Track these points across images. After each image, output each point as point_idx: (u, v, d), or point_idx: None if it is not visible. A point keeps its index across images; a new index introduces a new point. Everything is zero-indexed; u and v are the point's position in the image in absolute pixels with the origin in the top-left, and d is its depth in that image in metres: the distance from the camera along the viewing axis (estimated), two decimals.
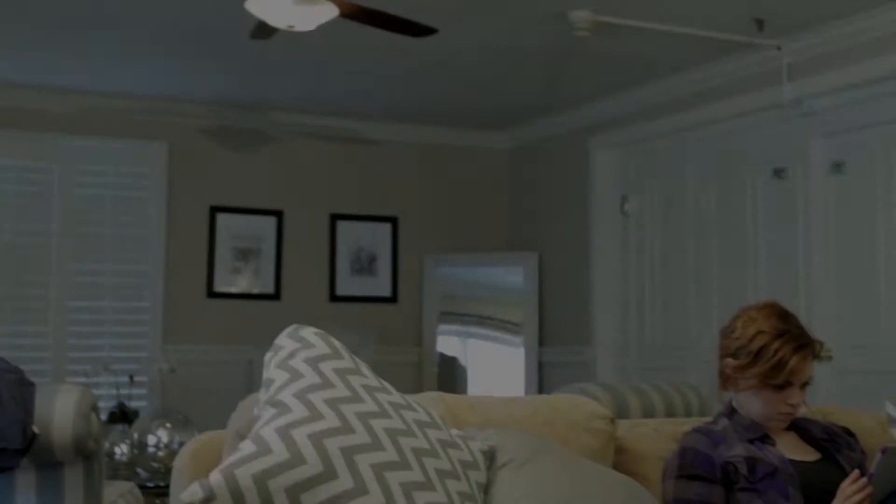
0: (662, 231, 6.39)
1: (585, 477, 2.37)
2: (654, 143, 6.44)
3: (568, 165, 7.04)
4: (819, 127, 5.36)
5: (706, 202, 6.06)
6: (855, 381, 5.14)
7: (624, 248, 6.66)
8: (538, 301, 7.21)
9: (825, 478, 2.60)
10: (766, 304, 2.72)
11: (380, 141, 7.43)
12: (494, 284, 7.56)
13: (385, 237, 7.42)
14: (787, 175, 5.52)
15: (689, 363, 5.96)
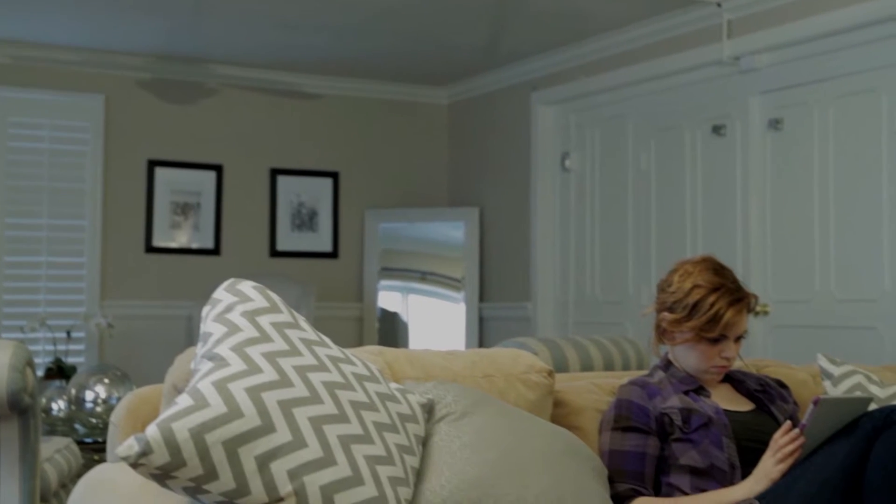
0: (603, 187, 6.42)
1: (523, 429, 2.39)
2: (595, 99, 6.45)
3: (509, 121, 7.04)
4: (757, 84, 5.40)
5: (646, 158, 6.09)
6: (790, 335, 5.22)
7: (564, 203, 6.68)
8: (479, 256, 7.23)
9: (758, 428, 2.64)
10: (702, 259, 2.75)
11: (320, 95, 7.37)
12: (435, 240, 7.56)
13: (326, 192, 7.38)
14: (725, 131, 5.56)
15: (628, 318, 6.02)
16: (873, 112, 4.86)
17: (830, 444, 2.44)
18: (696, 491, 2.56)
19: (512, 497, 2.21)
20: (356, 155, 7.47)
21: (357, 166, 7.47)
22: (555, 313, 6.69)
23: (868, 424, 2.40)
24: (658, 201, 6.01)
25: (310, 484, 1.96)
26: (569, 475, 2.33)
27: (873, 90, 4.86)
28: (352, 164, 7.46)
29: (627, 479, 2.56)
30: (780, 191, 5.32)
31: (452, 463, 2.24)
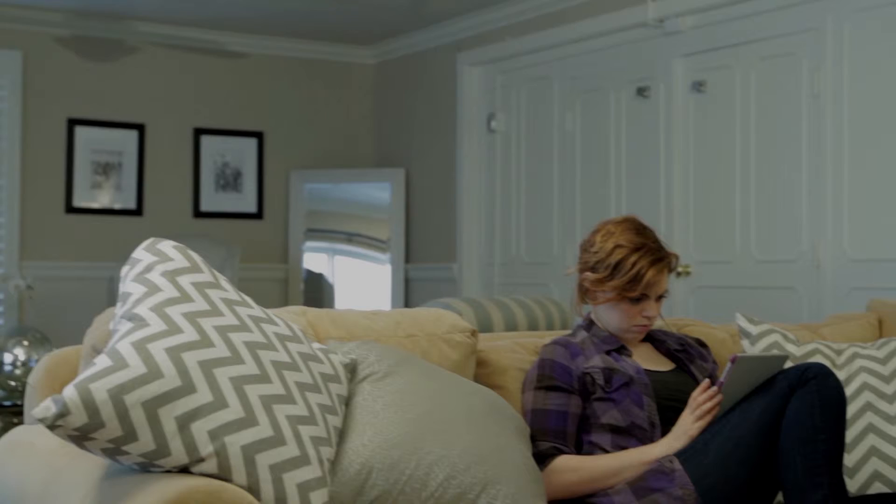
0: (528, 148, 6.44)
1: (446, 388, 2.40)
2: (521, 60, 6.45)
3: (435, 81, 7.02)
4: (681, 47, 5.44)
5: (571, 119, 6.12)
6: (711, 295, 5.29)
7: (490, 164, 6.69)
8: (405, 217, 7.22)
9: (678, 387, 2.68)
10: (624, 219, 2.77)
11: (245, 54, 7.28)
12: (361, 201, 7.54)
13: (250, 152, 7.31)
14: (649, 93, 5.60)
15: (553, 278, 6.06)
16: (793, 75, 4.92)
17: (747, 402, 2.49)
18: (616, 449, 2.59)
19: (434, 456, 2.22)
20: (281, 115, 7.40)
21: (282, 126, 7.40)
22: (480, 274, 6.72)
23: (784, 382, 2.45)
24: (583, 162, 6.04)
25: (231, 444, 1.95)
26: (491, 434, 2.34)
27: (793, 54, 4.92)
28: (277, 124, 7.39)
29: (549, 438, 2.59)
30: (702, 153, 5.37)
31: (375, 422, 2.24)
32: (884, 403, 2.83)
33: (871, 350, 2.98)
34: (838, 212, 4.73)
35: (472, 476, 2.23)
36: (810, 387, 2.41)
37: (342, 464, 2.17)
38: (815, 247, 4.82)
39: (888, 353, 2.94)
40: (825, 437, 2.37)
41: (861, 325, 3.33)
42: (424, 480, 2.19)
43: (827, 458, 2.36)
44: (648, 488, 2.47)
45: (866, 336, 3.26)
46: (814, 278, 4.83)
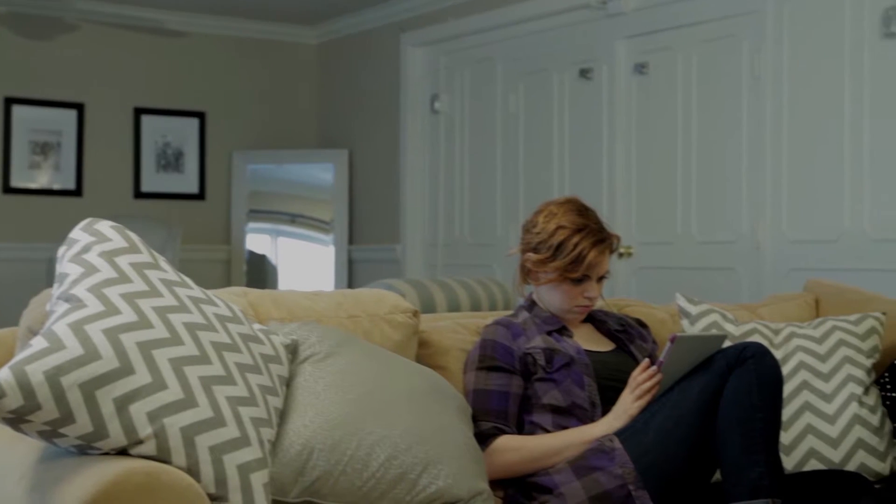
0: (472, 129, 6.44)
1: (387, 369, 2.40)
2: (464, 41, 6.44)
3: (378, 62, 6.99)
4: (624, 28, 5.46)
5: (515, 101, 6.12)
6: (653, 276, 5.34)
7: (434, 145, 6.68)
8: (348, 198, 7.19)
9: (619, 367, 2.70)
10: (566, 200, 2.78)
11: (186, 33, 7.20)
12: (304, 182, 7.50)
13: (192, 133, 7.24)
14: (592, 75, 5.62)
15: (497, 259, 6.08)
16: (734, 57, 4.96)
17: (687, 381, 2.51)
18: (557, 428, 2.60)
19: (375, 436, 2.22)
20: (223, 95, 7.33)
21: (224, 106, 7.33)
22: (424, 255, 6.72)
23: (722, 361, 2.47)
24: (526, 144, 6.05)
25: (170, 426, 1.94)
26: (432, 414, 2.34)
27: (734, 35, 4.96)
28: (219, 104, 7.32)
29: (491, 418, 2.60)
30: (644, 135, 5.40)
31: (316, 403, 2.23)
32: (819, 382, 2.87)
33: (807, 329, 3.02)
34: (777, 194, 4.78)
35: (413, 456, 2.23)
36: (748, 366, 2.43)
37: (283, 445, 2.16)
38: (754, 228, 4.88)
39: (824, 333, 2.99)
40: (762, 416, 2.40)
41: (798, 305, 3.37)
42: (366, 461, 2.19)
43: (764, 436, 2.39)
44: (589, 467, 2.49)
45: (803, 316, 3.31)
46: (753, 259, 4.89)
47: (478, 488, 2.30)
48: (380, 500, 2.20)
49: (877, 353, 2.97)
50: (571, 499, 2.47)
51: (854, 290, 3.45)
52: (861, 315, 3.05)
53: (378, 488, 2.19)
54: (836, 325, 3.01)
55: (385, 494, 2.20)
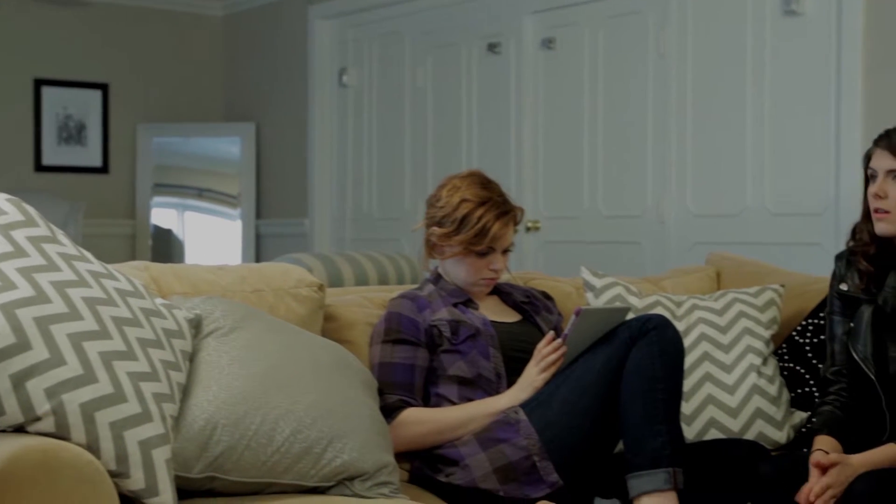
0: (380, 103, 6.41)
1: (292, 343, 2.39)
2: (372, 14, 6.40)
3: (286, 34, 6.92)
4: (531, 3, 5.48)
5: (423, 75, 6.11)
6: (559, 250, 5.38)
7: (342, 119, 6.64)
8: (256, 173, 7.12)
9: (524, 339, 2.72)
10: (469, 173, 2.79)
11: (88, 3, 7.04)
12: (211, 155, 7.40)
13: (95, 105, 7.09)
14: (500, 49, 5.63)
15: (405, 234, 6.07)
16: (640, 34, 5.00)
17: (590, 353, 2.54)
18: (463, 400, 2.62)
19: (280, 410, 2.21)
20: (127, 66, 7.19)
21: (128, 78, 7.19)
22: (332, 230, 6.69)
23: (625, 333, 2.51)
24: (435, 118, 6.05)
25: (69, 402, 1.91)
26: (338, 388, 2.34)
27: (640, 12, 5.01)
28: (123, 75, 7.18)
29: (396, 391, 2.60)
30: (551, 110, 5.43)
31: (220, 378, 2.22)
32: (720, 353, 2.93)
33: (709, 302, 3.07)
34: (682, 169, 4.85)
35: (318, 430, 2.22)
36: (650, 337, 2.47)
37: (186, 420, 2.14)
38: (659, 203, 4.94)
39: (725, 305, 3.04)
40: (664, 387, 2.44)
41: (700, 278, 3.42)
42: (270, 435, 2.18)
43: (665, 407, 2.43)
44: (494, 439, 2.51)
45: (705, 288, 3.36)
46: (658, 233, 4.95)
47: (383, 461, 2.30)
48: (284, 474, 2.20)
49: (775, 324, 3.03)
50: (477, 470, 2.49)
51: (754, 263, 3.52)
52: (760, 288, 3.11)
53: (283, 463, 2.19)
54: (737, 298, 3.06)
55: (290, 469, 2.20)
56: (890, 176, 2.49)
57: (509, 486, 2.47)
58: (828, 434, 2.56)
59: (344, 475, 2.24)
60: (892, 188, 2.49)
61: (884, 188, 2.50)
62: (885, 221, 2.51)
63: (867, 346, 2.58)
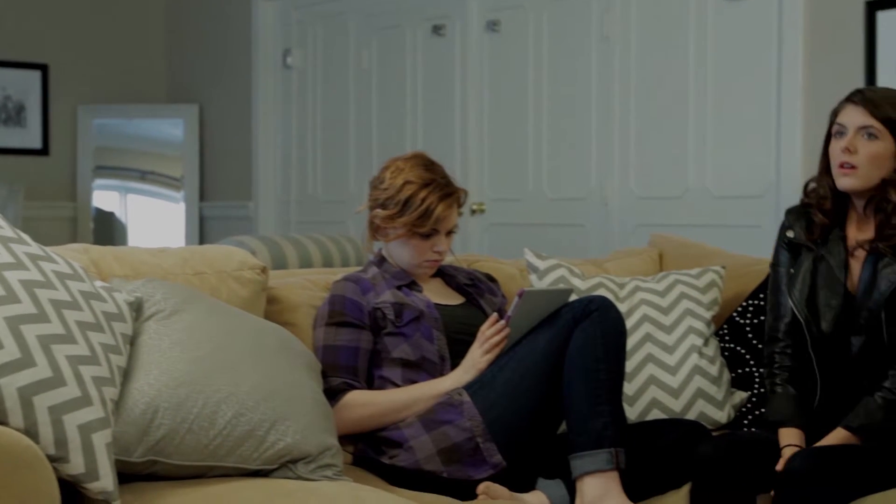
0: (325, 85, 6.37)
1: (235, 326, 2.37)
2: None
3: (229, 15, 6.85)
4: None
5: (368, 56, 6.08)
6: (504, 232, 5.39)
7: (286, 101, 6.59)
8: (199, 155, 7.06)
9: (467, 321, 2.73)
10: (413, 155, 2.79)
11: None
12: (153, 137, 7.32)
13: (34, 85, 6.98)
14: (445, 32, 5.62)
15: (350, 216, 6.04)
16: (584, 16, 5.01)
17: (534, 334, 2.56)
18: (407, 383, 2.62)
19: (223, 393, 2.19)
20: (68, 47, 7.08)
21: (69, 59, 7.08)
22: (276, 212, 6.65)
23: (568, 315, 2.52)
24: (379, 100, 6.02)
25: (6, 386, 1.88)
26: (281, 370, 2.33)
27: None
28: (63, 56, 7.07)
29: (340, 373, 2.60)
30: (496, 92, 5.44)
31: (161, 361, 2.20)
32: (662, 334, 2.95)
33: (651, 283, 3.10)
34: (625, 151, 4.87)
35: (260, 413, 2.22)
36: (593, 319, 2.49)
37: (127, 404, 2.12)
38: (603, 185, 4.97)
39: (667, 287, 3.07)
40: (606, 368, 2.45)
41: (643, 260, 3.45)
42: (212, 418, 2.17)
43: (607, 388, 2.45)
44: (438, 421, 2.51)
45: (647, 270, 3.39)
46: (602, 215, 4.98)
47: (327, 444, 2.30)
48: (227, 457, 2.18)
49: (716, 305, 3.06)
50: (421, 452, 2.50)
51: (696, 245, 3.55)
52: (702, 269, 3.14)
53: (225, 446, 2.18)
54: (679, 279, 3.09)
55: (232, 452, 2.19)
56: (861, 132, 2.52)
57: (453, 467, 2.47)
58: (791, 426, 2.59)
59: (287, 458, 2.23)
60: (862, 144, 2.52)
61: (854, 143, 2.53)
62: (851, 177, 2.54)
63: (803, 293, 2.62)
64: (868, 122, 2.52)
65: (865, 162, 2.51)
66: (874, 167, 2.51)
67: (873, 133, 2.51)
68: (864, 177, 2.51)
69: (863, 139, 2.52)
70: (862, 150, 2.52)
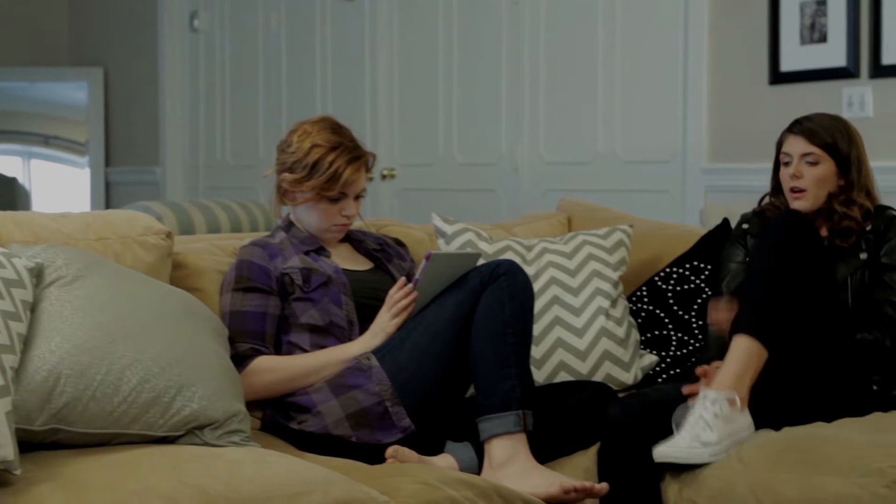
0: (232, 49, 6.29)
1: (139, 291, 2.34)
2: None
3: None
4: None
5: (276, 20, 6.01)
6: (415, 197, 5.38)
7: (193, 65, 6.49)
8: (104, 119, 6.92)
9: (376, 286, 2.73)
10: (320, 119, 2.77)
11: None
12: (57, 101, 7.16)
13: None
14: None
15: (260, 181, 5.99)
16: None
17: (442, 298, 2.56)
18: (315, 348, 2.61)
19: (127, 360, 2.16)
20: None
21: None
22: (185, 178, 6.56)
23: (476, 279, 2.53)
24: (289, 64, 5.96)
25: None
26: (186, 336, 2.30)
27: None
28: None
29: (248, 339, 2.58)
30: (406, 56, 5.41)
31: (63, 328, 2.16)
32: (569, 297, 2.98)
33: (559, 245, 3.11)
34: (535, 117, 4.90)
35: (166, 379, 2.19)
36: (500, 283, 2.50)
37: (27, 371, 2.08)
38: (513, 150, 4.99)
39: (574, 248, 3.08)
40: (513, 331, 2.47)
41: (551, 224, 3.47)
42: (116, 385, 2.14)
43: (515, 351, 2.47)
44: (346, 385, 2.51)
45: (556, 234, 3.40)
46: (512, 180, 5.00)
47: (234, 410, 2.28)
48: (132, 424, 2.16)
49: (624, 265, 3.09)
50: (329, 417, 2.49)
51: (604, 209, 3.59)
52: (610, 229, 3.16)
53: (130, 413, 2.15)
54: (586, 240, 3.11)
55: (137, 419, 2.16)
56: (804, 159, 2.79)
57: (361, 431, 2.48)
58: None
59: (193, 424, 2.21)
60: (806, 170, 2.79)
61: (800, 170, 2.80)
62: (802, 199, 2.80)
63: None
64: (809, 150, 2.79)
65: (812, 185, 2.79)
66: (820, 188, 2.80)
67: (814, 160, 2.79)
68: (812, 197, 2.80)
69: (806, 166, 2.80)
70: (807, 175, 2.79)
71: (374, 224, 3.15)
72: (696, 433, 2.39)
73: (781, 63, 4.18)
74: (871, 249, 2.77)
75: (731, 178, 4.33)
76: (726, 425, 2.41)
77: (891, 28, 3.92)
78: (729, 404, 2.42)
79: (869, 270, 2.75)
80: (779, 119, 3.07)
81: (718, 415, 2.41)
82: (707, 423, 2.40)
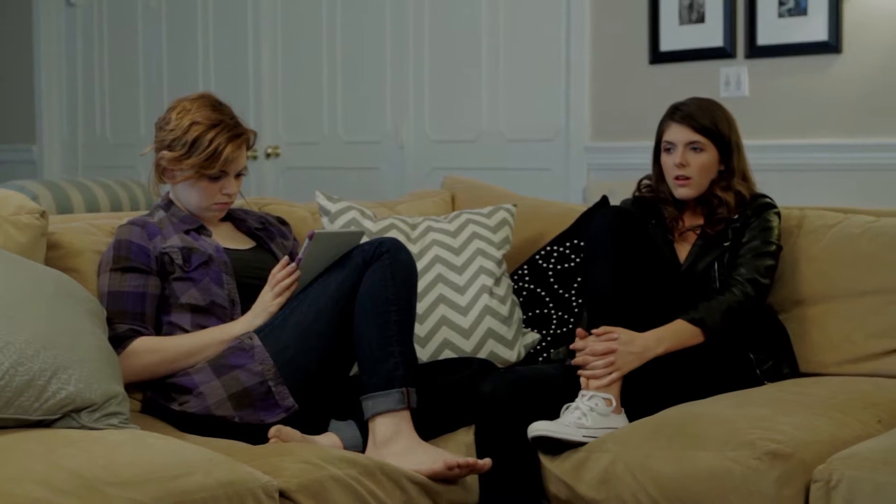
0: (111, 23, 6.15)
1: (11, 272, 2.28)
2: None
3: None
4: None
5: None
6: (300, 176, 5.35)
7: (71, 40, 6.33)
8: None
9: (258, 265, 2.70)
10: (199, 96, 2.72)
11: None
12: None
13: None
14: None
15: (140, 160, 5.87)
16: None
17: (325, 277, 2.55)
18: (196, 328, 2.58)
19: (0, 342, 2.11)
20: None
21: None
22: (63, 157, 6.40)
23: (359, 257, 2.52)
24: (169, 40, 5.85)
25: None
26: (62, 318, 2.25)
27: None
28: None
29: (127, 320, 2.53)
30: (290, 34, 5.36)
31: None
32: (454, 275, 2.98)
33: (443, 223, 3.11)
34: (420, 95, 4.90)
35: (41, 362, 2.14)
36: (383, 261, 2.50)
37: None
38: (398, 128, 4.98)
39: (459, 226, 3.09)
40: (396, 309, 2.47)
41: (435, 202, 3.47)
42: None
43: (398, 329, 2.47)
44: (228, 365, 2.48)
45: (440, 212, 3.40)
46: (397, 159, 5.00)
47: (112, 392, 2.24)
48: (5, 408, 2.10)
49: (507, 244, 3.10)
50: (211, 398, 2.46)
51: (487, 187, 3.60)
52: (494, 207, 3.17)
53: (2, 397, 2.09)
54: (470, 219, 3.12)
55: (11, 403, 2.10)
56: (689, 147, 2.80)
57: (244, 411, 2.45)
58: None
59: (70, 407, 2.17)
60: (691, 157, 2.80)
61: (685, 158, 2.80)
62: (687, 187, 2.82)
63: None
64: (693, 138, 2.80)
65: (697, 172, 2.80)
66: (704, 175, 2.81)
67: (698, 147, 2.80)
68: (697, 185, 2.81)
69: (692, 153, 2.80)
70: (693, 162, 2.80)
71: (257, 202, 3.11)
72: (571, 420, 2.48)
73: (661, 43, 4.25)
74: (735, 237, 2.79)
75: (613, 156, 4.40)
76: (602, 418, 2.48)
77: (766, 10, 4.02)
78: (605, 403, 2.51)
79: (730, 254, 2.78)
80: (659, 98, 3.12)
81: (595, 409, 2.50)
82: (583, 413, 2.49)
